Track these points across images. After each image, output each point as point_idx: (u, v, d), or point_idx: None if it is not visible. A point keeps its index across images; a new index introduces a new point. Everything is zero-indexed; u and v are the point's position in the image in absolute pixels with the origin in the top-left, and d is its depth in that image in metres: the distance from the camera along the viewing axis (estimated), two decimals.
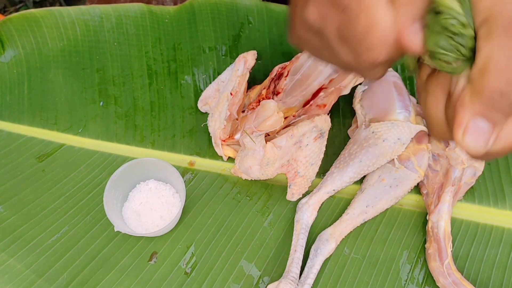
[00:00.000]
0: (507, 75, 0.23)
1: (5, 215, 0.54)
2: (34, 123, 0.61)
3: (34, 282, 0.49)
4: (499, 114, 0.24)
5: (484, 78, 0.24)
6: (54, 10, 0.64)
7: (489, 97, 0.24)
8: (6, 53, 0.64)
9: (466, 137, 0.25)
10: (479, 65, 0.24)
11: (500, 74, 0.23)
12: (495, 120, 0.24)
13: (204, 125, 0.59)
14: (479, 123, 0.24)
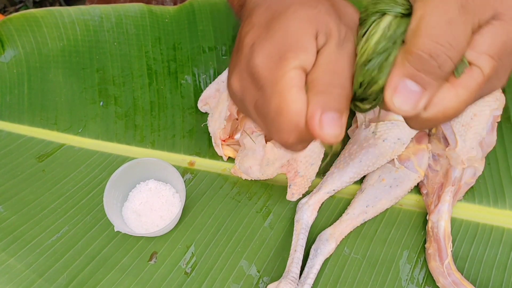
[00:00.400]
0: (436, 38, 0.23)
1: (5, 215, 0.54)
2: (34, 123, 0.61)
3: (34, 282, 0.49)
4: (429, 76, 0.24)
5: (414, 39, 0.24)
6: (54, 10, 0.64)
7: (419, 57, 0.24)
8: (6, 53, 0.64)
9: (395, 97, 0.25)
10: (412, 26, 0.24)
11: (430, 34, 0.23)
12: (425, 82, 0.24)
13: (204, 125, 0.59)
14: (409, 84, 0.24)
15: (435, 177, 0.53)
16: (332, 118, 0.27)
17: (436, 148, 0.53)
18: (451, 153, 0.52)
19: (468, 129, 0.51)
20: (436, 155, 0.53)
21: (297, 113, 0.27)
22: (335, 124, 0.27)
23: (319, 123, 0.27)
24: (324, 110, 0.27)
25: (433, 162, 0.53)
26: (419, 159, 0.52)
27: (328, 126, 0.27)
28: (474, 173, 0.53)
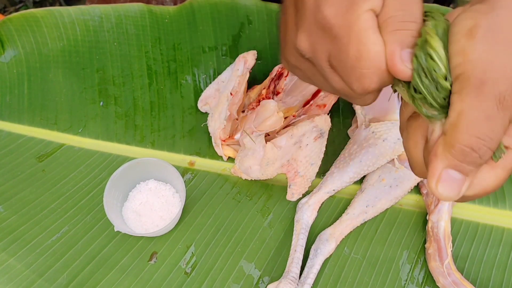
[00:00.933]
0: (477, 133, 0.24)
1: (5, 215, 0.54)
2: (34, 123, 0.61)
3: (34, 282, 0.49)
4: (470, 165, 0.25)
5: (455, 133, 0.25)
6: (54, 10, 0.64)
7: (461, 151, 0.25)
8: (6, 53, 0.64)
9: (439, 186, 0.26)
10: (452, 119, 0.25)
11: (470, 132, 0.24)
12: (467, 170, 0.26)
13: (204, 125, 0.59)
14: (451, 173, 0.26)
15: None
16: (409, 53, 0.27)
17: None
18: None
19: None
20: None
21: (378, 55, 0.27)
22: (409, 59, 0.27)
23: (400, 59, 0.27)
24: (402, 46, 0.27)
25: None
26: None
27: (410, 61, 0.27)
28: None
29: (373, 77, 0.28)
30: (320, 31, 0.29)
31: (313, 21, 0.29)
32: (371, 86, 0.29)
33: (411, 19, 0.27)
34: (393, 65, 0.27)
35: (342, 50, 0.28)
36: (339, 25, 0.28)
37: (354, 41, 0.28)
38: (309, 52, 0.31)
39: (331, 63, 0.30)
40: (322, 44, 0.30)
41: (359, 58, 0.28)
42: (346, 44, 0.28)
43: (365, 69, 0.28)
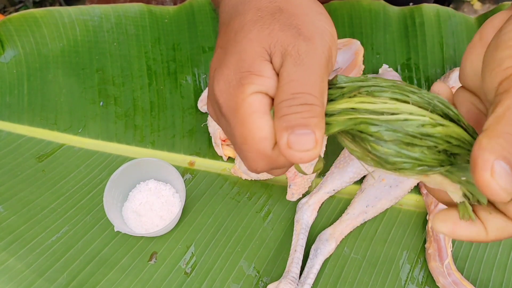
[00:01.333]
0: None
1: (5, 215, 0.54)
2: (34, 123, 0.61)
3: (34, 281, 0.49)
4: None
5: (502, 124, 0.23)
6: (53, 10, 0.64)
7: (508, 140, 0.23)
8: (6, 53, 0.64)
9: (496, 176, 0.23)
10: (498, 113, 0.24)
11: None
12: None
13: (204, 125, 0.59)
14: (503, 165, 0.23)
15: None
16: (300, 135, 0.25)
17: None
18: None
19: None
20: None
21: (262, 140, 0.26)
22: (305, 140, 0.25)
23: (286, 144, 0.25)
24: (290, 130, 0.25)
25: None
26: None
27: (296, 144, 0.25)
28: None
29: (259, 161, 0.27)
30: (215, 105, 0.29)
31: (211, 94, 0.29)
32: (258, 168, 0.28)
33: (303, 101, 0.25)
34: (282, 151, 0.25)
35: (230, 131, 0.28)
36: (227, 105, 0.27)
37: (239, 125, 0.27)
38: (213, 114, 0.31)
39: (227, 137, 0.30)
40: (218, 117, 0.30)
41: (243, 142, 0.27)
42: (233, 126, 0.27)
43: (250, 152, 0.27)
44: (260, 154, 0.27)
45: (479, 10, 1.57)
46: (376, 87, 0.25)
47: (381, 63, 0.61)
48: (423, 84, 0.60)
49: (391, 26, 0.62)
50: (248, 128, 0.26)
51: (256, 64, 0.27)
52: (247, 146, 0.27)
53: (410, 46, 0.61)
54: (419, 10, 0.62)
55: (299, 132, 0.25)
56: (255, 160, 0.27)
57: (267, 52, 0.27)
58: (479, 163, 0.23)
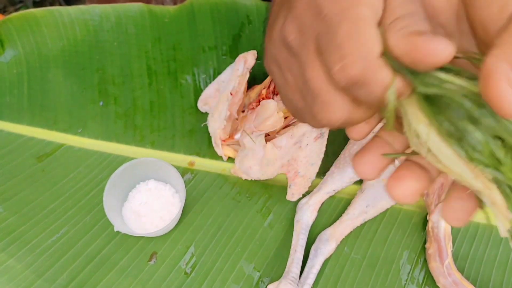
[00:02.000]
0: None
1: (5, 215, 0.54)
2: (33, 123, 0.61)
3: (33, 282, 0.49)
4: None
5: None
6: (53, 10, 0.64)
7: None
8: (6, 53, 0.64)
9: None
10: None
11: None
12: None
13: (204, 125, 0.59)
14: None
15: None
16: (431, 38, 0.21)
17: None
18: None
19: None
20: None
21: (371, 40, 0.23)
22: (438, 41, 0.21)
23: (415, 41, 0.22)
24: (418, 35, 0.22)
25: None
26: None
27: (428, 43, 0.21)
28: None
29: (357, 60, 0.23)
30: (311, 15, 0.25)
31: (306, 7, 0.26)
32: (352, 71, 0.23)
33: (417, 12, 0.23)
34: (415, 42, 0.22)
35: (333, 29, 0.24)
36: (334, 10, 0.24)
37: (347, 21, 0.23)
38: (295, 37, 0.27)
39: (317, 45, 0.25)
40: (311, 27, 0.26)
41: (348, 37, 0.23)
42: (338, 23, 0.24)
43: (352, 48, 0.23)
44: (364, 52, 0.23)
45: None
46: None
47: None
48: None
49: None
50: (357, 26, 0.23)
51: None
52: (351, 42, 0.23)
53: None
54: None
55: (428, 37, 0.22)
56: (355, 58, 0.23)
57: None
58: (493, 74, 0.20)
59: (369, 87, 0.23)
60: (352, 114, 0.26)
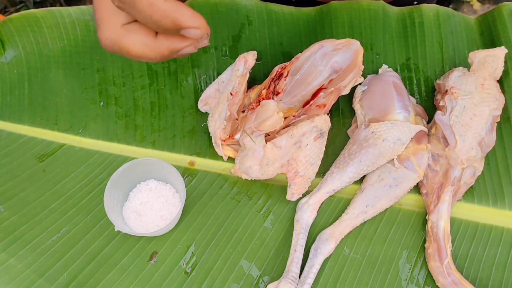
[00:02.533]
0: None
1: (6, 215, 0.54)
2: (34, 123, 0.62)
3: (34, 282, 0.49)
4: None
5: None
6: (54, 10, 0.65)
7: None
8: (7, 53, 0.64)
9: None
10: None
11: None
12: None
13: (204, 125, 0.59)
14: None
15: (435, 177, 0.53)
16: None
17: (436, 148, 0.54)
18: (451, 153, 0.52)
19: (467, 129, 0.52)
20: (435, 155, 0.54)
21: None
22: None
23: None
24: None
25: (433, 162, 0.53)
26: (418, 159, 0.52)
27: None
28: (473, 173, 0.53)
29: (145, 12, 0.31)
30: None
31: None
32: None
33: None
34: None
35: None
36: None
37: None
38: None
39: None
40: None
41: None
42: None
43: None
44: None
45: (479, 11, 1.57)
46: None
47: (381, 63, 0.61)
48: (423, 84, 0.60)
49: (391, 26, 0.62)
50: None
51: None
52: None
53: (409, 46, 0.62)
54: (418, 10, 0.62)
55: None
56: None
57: None
58: None
59: (137, 5, 0.31)
60: (122, 37, 0.33)
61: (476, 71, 0.55)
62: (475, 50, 0.58)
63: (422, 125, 0.54)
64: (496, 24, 0.60)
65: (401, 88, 0.55)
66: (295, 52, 0.60)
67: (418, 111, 0.57)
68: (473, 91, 0.53)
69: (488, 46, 0.60)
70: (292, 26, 0.64)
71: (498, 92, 0.54)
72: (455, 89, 0.54)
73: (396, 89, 0.55)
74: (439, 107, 0.55)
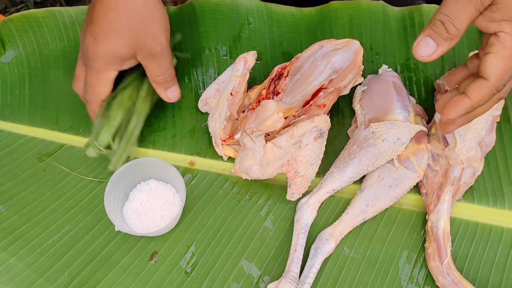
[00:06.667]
0: (445, 11, 0.38)
1: (6, 214, 0.54)
2: (35, 123, 0.62)
3: (34, 281, 0.49)
4: (439, 37, 0.38)
5: (435, 15, 0.39)
6: (54, 10, 0.65)
7: (433, 22, 0.39)
8: (7, 53, 0.64)
9: (416, 47, 0.39)
10: None
11: (441, 10, 0.38)
12: (438, 41, 0.38)
13: (204, 125, 0.60)
14: (428, 40, 0.39)
15: (435, 177, 0.53)
16: None
17: (436, 148, 0.54)
18: (451, 153, 0.52)
19: (467, 129, 0.52)
20: (435, 155, 0.54)
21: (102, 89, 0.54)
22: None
23: None
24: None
25: (433, 162, 0.53)
26: (418, 159, 0.52)
27: None
28: (473, 173, 0.53)
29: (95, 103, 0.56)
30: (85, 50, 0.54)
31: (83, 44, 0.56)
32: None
33: None
34: None
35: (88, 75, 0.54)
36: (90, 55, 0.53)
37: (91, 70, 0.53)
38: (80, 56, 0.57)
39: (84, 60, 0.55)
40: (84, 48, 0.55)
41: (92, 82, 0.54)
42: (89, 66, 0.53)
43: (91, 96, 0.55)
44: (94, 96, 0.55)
45: None
46: None
47: (381, 63, 0.61)
48: (423, 84, 0.60)
49: (391, 26, 0.62)
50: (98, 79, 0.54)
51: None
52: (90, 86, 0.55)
53: (409, 46, 0.62)
54: (418, 10, 0.62)
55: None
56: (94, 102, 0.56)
57: None
58: (415, 41, 0.39)
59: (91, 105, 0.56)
60: None
61: None
62: (474, 50, 0.59)
63: (422, 125, 0.54)
64: None
65: (401, 88, 0.55)
66: (295, 52, 0.60)
67: (418, 111, 0.57)
68: None
69: None
70: (292, 26, 0.64)
71: None
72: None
73: (396, 89, 0.55)
74: None
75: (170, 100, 0.56)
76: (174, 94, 0.56)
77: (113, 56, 0.52)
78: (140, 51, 0.52)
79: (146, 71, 0.54)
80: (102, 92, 0.54)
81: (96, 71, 0.52)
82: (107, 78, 0.53)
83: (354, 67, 0.55)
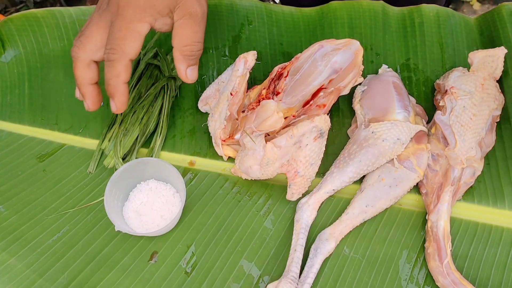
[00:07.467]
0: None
1: (6, 214, 0.54)
2: (35, 123, 0.62)
3: (34, 281, 0.49)
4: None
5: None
6: (54, 10, 0.65)
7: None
8: (7, 53, 0.64)
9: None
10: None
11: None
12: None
13: (204, 125, 0.60)
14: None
15: (435, 177, 0.53)
16: None
17: (436, 148, 0.54)
18: (450, 153, 0.52)
19: (467, 129, 0.52)
20: (435, 155, 0.54)
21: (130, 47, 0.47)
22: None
23: None
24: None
25: (433, 162, 0.53)
26: (418, 159, 0.52)
27: None
28: (473, 173, 0.53)
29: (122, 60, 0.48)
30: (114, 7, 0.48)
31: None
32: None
33: None
34: None
35: (116, 24, 0.46)
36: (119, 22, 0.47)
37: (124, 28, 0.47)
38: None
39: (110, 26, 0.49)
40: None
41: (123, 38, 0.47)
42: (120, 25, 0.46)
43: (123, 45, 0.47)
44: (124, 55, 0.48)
45: (478, 11, 1.57)
46: None
47: (381, 63, 0.61)
48: (423, 84, 0.60)
49: (391, 26, 0.62)
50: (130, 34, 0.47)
51: None
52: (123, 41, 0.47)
53: (409, 46, 0.62)
54: (418, 10, 0.62)
55: None
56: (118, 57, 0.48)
57: None
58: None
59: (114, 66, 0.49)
60: None
61: (476, 71, 0.56)
62: (474, 50, 0.59)
63: (422, 125, 0.54)
64: (496, 24, 0.60)
65: (401, 88, 0.55)
66: (295, 52, 0.60)
67: (418, 111, 0.57)
68: (472, 91, 0.53)
69: (488, 46, 0.60)
70: (292, 26, 0.64)
71: (498, 92, 0.55)
72: (454, 89, 0.54)
73: (396, 89, 0.55)
74: (439, 107, 0.55)
75: (187, 79, 0.50)
76: (194, 74, 0.50)
77: (150, 4, 0.45)
78: (179, 7, 0.46)
79: (176, 37, 0.48)
80: (132, 47, 0.46)
81: (129, 19, 0.45)
82: (139, 31, 0.46)
83: (354, 67, 0.55)
